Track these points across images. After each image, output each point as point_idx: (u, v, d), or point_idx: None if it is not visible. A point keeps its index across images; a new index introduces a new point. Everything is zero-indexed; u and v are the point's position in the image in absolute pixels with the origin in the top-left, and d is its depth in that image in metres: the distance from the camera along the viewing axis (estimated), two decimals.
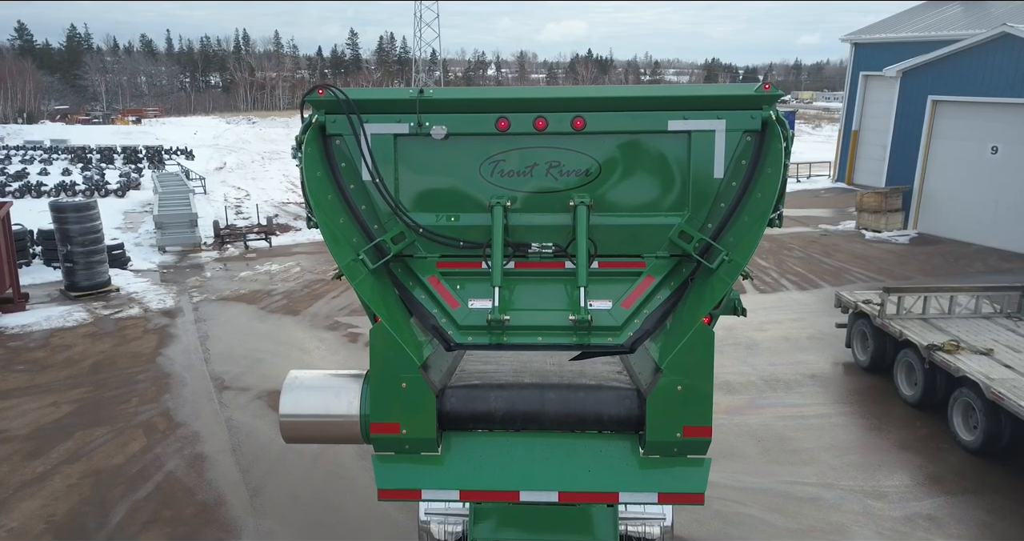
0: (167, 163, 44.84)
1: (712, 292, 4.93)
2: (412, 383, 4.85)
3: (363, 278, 5.11)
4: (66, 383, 12.17)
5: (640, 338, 5.14)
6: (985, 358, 10.07)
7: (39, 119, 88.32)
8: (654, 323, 5.19)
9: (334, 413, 5.16)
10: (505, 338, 5.19)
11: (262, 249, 22.42)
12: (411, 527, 7.77)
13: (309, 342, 14.07)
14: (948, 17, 29.72)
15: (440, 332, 5.23)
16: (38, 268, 19.39)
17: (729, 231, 5.17)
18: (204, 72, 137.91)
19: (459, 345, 5.24)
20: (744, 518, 8.22)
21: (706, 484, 4.93)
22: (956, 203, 22.44)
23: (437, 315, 5.31)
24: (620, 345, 5.10)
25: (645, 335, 5.16)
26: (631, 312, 5.19)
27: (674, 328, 5.16)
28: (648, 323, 5.18)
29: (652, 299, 5.26)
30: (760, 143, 5.18)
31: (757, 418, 10.65)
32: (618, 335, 5.14)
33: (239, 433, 10.34)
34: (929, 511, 8.38)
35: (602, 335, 5.16)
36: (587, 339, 5.17)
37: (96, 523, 8.23)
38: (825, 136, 58.95)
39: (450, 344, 5.23)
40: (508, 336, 5.19)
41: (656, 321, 5.20)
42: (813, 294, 16.84)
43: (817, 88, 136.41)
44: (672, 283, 5.34)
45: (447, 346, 5.24)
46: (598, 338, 5.16)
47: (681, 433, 4.78)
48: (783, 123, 5.12)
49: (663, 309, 5.24)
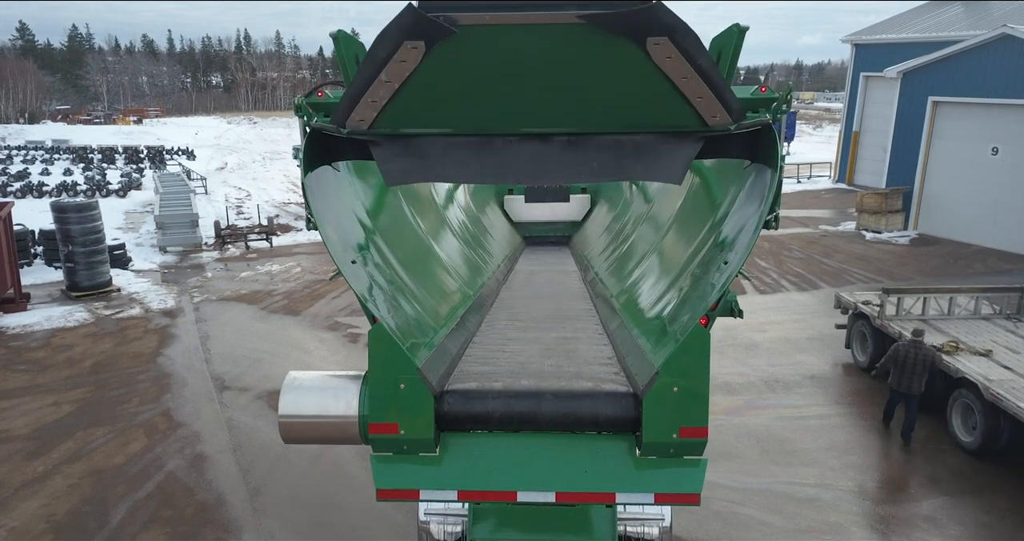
0: (168, 163, 44.89)
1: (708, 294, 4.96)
2: (410, 384, 4.87)
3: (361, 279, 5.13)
4: (67, 383, 12.19)
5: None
6: (984, 359, 10.08)
7: (40, 119, 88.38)
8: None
9: (333, 414, 5.18)
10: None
11: (263, 249, 22.45)
12: (411, 527, 7.79)
13: (309, 342, 14.09)
14: (949, 18, 29.71)
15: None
16: (39, 268, 19.43)
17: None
18: (205, 72, 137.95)
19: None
20: (743, 518, 8.23)
21: (702, 485, 4.94)
22: (956, 204, 22.45)
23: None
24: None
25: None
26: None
27: (670, 330, 5.18)
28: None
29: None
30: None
31: (756, 419, 10.66)
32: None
33: (239, 433, 10.37)
34: (928, 512, 8.39)
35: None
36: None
37: (97, 523, 8.25)
38: (826, 136, 58.91)
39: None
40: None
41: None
42: (813, 295, 16.85)
43: (818, 88, 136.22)
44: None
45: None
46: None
47: (677, 434, 4.79)
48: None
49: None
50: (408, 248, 7.06)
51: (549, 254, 12.05)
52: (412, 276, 6.38)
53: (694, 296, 5.37)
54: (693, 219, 6.93)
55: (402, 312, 5.54)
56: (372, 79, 4.56)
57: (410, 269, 6.47)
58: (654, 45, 4.15)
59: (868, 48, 31.49)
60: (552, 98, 4.84)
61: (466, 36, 4.11)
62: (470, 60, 4.44)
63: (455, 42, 4.16)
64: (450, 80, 4.63)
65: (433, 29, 4.08)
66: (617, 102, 4.86)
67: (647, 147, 5.28)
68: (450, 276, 7.60)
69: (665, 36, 4.10)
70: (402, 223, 7.38)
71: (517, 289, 9.03)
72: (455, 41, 4.15)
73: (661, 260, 7.21)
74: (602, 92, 4.74)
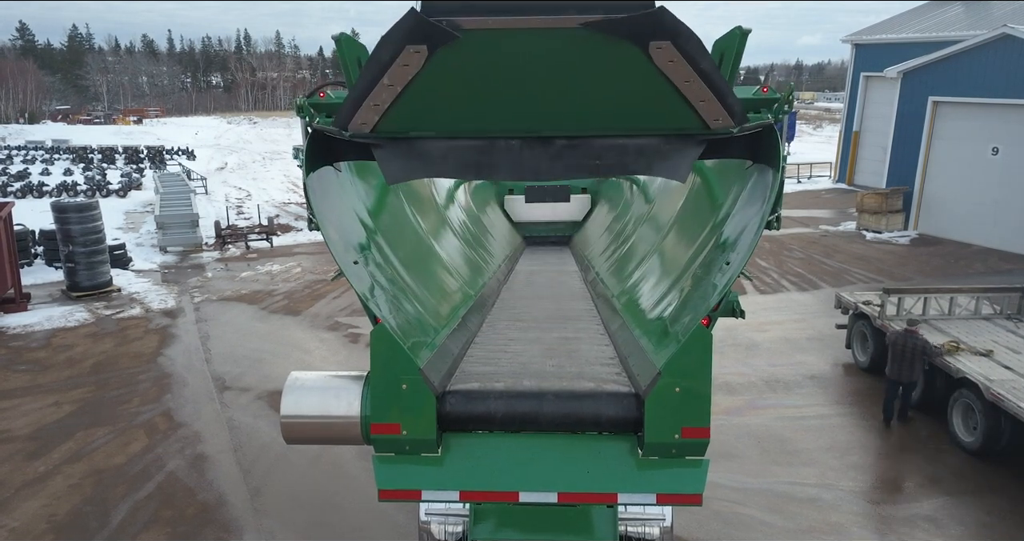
0: (168, 163, 44.91)
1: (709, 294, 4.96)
2: (412, 385, 4.87)
3: (363, 280, 5.13)
4: (67, 383, 12.20)
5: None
6: (985, 359, 10.08)
7: (41, 119, 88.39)
8: None
9: (334, 414, 5.18)
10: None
11: (263, 249, 22.45)
12: (412, 527, 7.79)
13: (310, 343, 14.09)
14: (949, 18, 29.72)
15: None
16: (40, 268, 19.43)
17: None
18: (205, 72, 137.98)
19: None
20: (744, 519, 8.23)
21: (704, 485, 4.94)
22: (956, 204, 22.45)
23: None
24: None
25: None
26: None
27: (672, 330, 5.18)
28: None
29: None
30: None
31: (757, 419, 10.66)
32: None
33: (240, 433, 10.37)
34: (929, 512, 8.39)
35: None
36: None
37: (97, 523, 8.25)
38: (826, 136, 58.92)
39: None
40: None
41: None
42: (813, 295, 16.85)
43: (818, 89, 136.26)
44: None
45: None
46: None
47: (679, 435, 4.79)
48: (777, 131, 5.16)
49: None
50: (409, 248, 7.06)
51: (550, 254, 12.05)
52: (413, 276, 6.38)
53: (696, 297, 5.37)
54: (694, 219, 6.92)
55: (404, 312, 5.54)
56: (375, 82, 4.57)
57: (411, 269, 6.47)
58: (656, 49, 4.16)
59: (868, 48, 31.50)
60: (554, 102, 4.85)
61: (468, 40, 4.12)
62: (472, 64, 4.44)
63: (457, 46, 4.17)
64: (453, 84, 4.64)
65: (436, 33, 4.08)
66: (619, 106, 4.87)
67: (650, 148, 5.29)
68: (451, 276, 7.60)
69: (668, 40, 4.10)
70: (403, 223, 7.38)
71: (518, 289, 9.03)
72: (457, 45, 4.16)
73: (662, 260, 7.21)
74: (604, 96, 4.75)
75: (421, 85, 4.54)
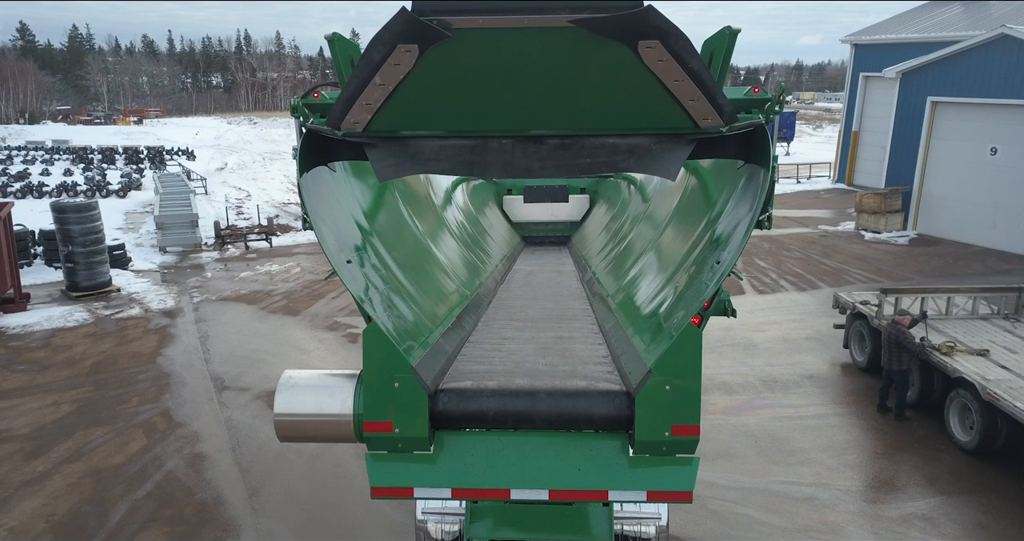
0: (168, 164, 44.94)
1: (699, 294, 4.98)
2: (405, 383, 4.88)
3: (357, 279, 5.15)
4: (67, 383, 12.22)
5: None
6: (982, 359, 10.10)
7: (41, 119, 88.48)
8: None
9: (328, 412, 5.19)
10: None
11: (263, 249, 22.49)
12: (408, 526, 7.82)
13: (309, 342, 14.12)
14: (948, 18, 29.73)
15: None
16: (39, 268, 19.47)
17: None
18: (206, 73, 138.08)
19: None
20: (740, 518, 8.25)
21: (694, 483, 4.95)
22: (955, 204, 22.46)
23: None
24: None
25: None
26: None
27: (664, 329, 5.19)
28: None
29: None
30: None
31: (754, 418, 10.68)
32: None
33: (238, 433, 10.39)
34: (925, 511, 8.41)
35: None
36: None
37: (96, 522, 8.28)
38: (826, 137, 58.96)
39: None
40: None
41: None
42: (812, 295, 16.87)
43: (818, 89, 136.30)
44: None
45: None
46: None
47: (670, 432, 4.80)
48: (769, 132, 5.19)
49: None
50: (405, 248, 7.07)
51: (548, 254, 12.06)
52: (408, 276, 6.40)
53: (687, 295, 5.39)
54: (689, 218, 6.94)
55: (398, 312, 5.55)
56: (366, 82, 4.59)
57: (407, 269, 6.49)
58: (646, 48, 4.18)
59: (868, 48, 31.51)
60: (545, 101, 4.87)
61: (459, 39, 4.14)
62: (464, 63, 4.46)
63: (448, 45, 4.19)
64: (444, 83, 4.66)
65: (426, 32, 4.10)
66: (609, 105, 4.90)
67: (640, 147, 5.32)
68: (447, 276, 7.61)
69: (657, 39, 4.12)
70: (399, 223, 7.40)
71: (515, 289, 9.05)
72: (448, 44, 4.18)
73: (656, 259, 7.23)
74: (595, 95, 4.77)
75: (412, 84, 4.56)
